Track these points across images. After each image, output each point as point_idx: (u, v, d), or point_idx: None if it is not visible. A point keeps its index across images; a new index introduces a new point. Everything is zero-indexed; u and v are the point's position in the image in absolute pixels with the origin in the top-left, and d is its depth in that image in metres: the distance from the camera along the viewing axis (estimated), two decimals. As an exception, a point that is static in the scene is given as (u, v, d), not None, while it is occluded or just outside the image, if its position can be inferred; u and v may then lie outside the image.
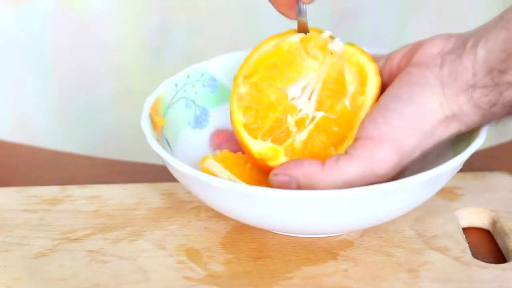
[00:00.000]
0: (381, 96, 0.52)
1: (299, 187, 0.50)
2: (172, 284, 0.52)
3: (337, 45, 0.54)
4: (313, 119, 0.54)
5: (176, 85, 0.59)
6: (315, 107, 0.55)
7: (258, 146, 0.54)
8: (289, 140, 0.54)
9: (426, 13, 0.91)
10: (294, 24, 0.56)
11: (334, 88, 0.54)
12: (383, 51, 0.57)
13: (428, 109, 0.50)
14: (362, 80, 0.54)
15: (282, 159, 0.54)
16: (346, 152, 0.50)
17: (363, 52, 0.55)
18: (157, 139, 0.54)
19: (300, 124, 0.54)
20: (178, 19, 0.86)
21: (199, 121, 0.61)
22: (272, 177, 0.51)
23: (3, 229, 0.58)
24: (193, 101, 0.61)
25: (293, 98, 0.55)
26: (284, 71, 0.55)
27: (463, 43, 0.50)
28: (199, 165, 0.56)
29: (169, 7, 0.85)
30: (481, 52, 0.48)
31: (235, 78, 0.56)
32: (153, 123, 0.55)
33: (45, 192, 0.62)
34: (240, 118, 0.55)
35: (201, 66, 0.61)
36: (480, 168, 0.62)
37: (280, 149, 0.54)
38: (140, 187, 0.62)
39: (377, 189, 0.48)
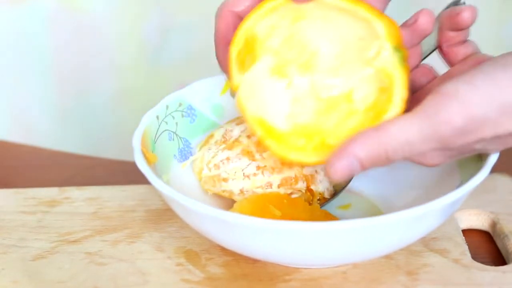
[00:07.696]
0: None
1: (363, 165, 0.44)
2: (171, 286, 0.52)
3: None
4: None
5: (157, 117, 0.56)
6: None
7: None
8: None
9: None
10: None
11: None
12: None
13: None
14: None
15: None
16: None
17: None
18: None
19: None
20: (178, 19, 0.85)
21: (184, 154, 0.58)
22: (330, 169, 0.45)
23: (1, 231, 0.58)
24: (175, 133, 0.58)
25: None
26: None
27: None
28: None
29: (169, 7, 0.85)
30: None
31: None
32: (147, 160, 0.52)
33: (43, 194, 0.62)
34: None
35: (178, 95, 0.58)
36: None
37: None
38: (138, 189, 0.62)
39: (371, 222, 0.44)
